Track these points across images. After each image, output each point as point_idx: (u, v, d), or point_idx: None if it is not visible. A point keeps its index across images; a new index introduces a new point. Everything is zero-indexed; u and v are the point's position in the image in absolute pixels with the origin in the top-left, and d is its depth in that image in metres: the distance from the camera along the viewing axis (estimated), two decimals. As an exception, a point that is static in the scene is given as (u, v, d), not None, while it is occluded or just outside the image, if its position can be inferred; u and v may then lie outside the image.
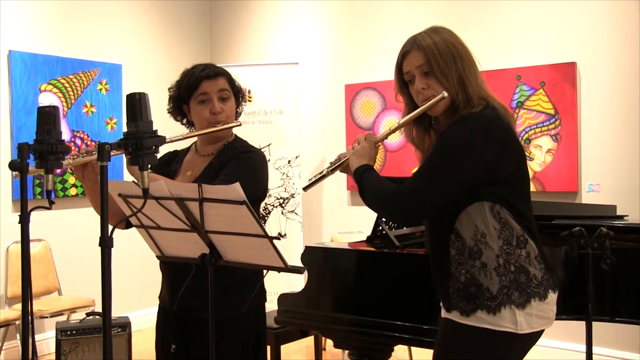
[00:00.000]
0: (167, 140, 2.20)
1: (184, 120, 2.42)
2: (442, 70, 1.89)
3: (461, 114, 1.88)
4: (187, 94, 2.32)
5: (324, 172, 2.16)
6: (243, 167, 2.23)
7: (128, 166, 2.18)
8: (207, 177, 2.24)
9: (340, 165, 2.11)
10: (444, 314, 1.95)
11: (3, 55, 4.93)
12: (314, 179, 2.17)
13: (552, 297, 1.90)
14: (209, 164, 2.33)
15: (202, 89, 2.29)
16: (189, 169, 2.38)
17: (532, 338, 1.89)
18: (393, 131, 2.07)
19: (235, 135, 2.43)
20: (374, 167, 2.06)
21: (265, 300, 2.40)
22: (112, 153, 2.06)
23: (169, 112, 2.41)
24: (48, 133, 1.86)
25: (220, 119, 2.30)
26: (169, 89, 2.40)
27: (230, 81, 2.37)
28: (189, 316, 2.26)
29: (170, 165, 2.42)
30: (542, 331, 1.90)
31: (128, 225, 2.26)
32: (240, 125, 2.35)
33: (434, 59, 1.90)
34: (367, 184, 1.97)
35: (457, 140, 1.85)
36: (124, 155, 1.62)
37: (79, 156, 2.14)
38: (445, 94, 1.89)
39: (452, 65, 1.89)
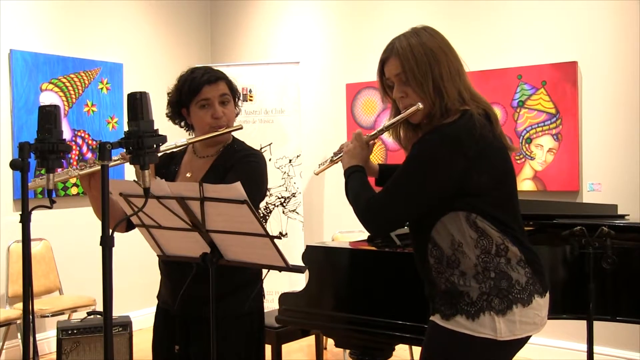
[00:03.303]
0: (171, 147, 2.25)
1: (182, 123, 2.42)
2: (418, 80, 1.87)
3: (433, 125, 1.87)
4: (188, 98, 2.32)
5: (328, 161, 2.22)
6: (248, 172, 2.24)
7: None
8: (210, 180, 2.24)
9: (342, 157, 2.14)
10: (430, 316, 1.95)
11: (4, 54, 4.93)
12: (323, 166, 2.25)
13: (539, 301, 1.86)
14: (211, 167, 2.34)
15: (203, 94, 2.29)
16: (188, 170, 2.38)
17: (517, 344, 1.87)
18: (381, 132, 2.08)
19: (233, 136, 2.44)
20: (367, 165, 2.09)
21: (263, 297, 2.41)
22: (112, 164, 2.09)
23: (167, 116, 2.41)
24: (49, 132, 1.86)
25: (222, 123, 2.31)
26: (167, 93, 2.39)
27: (230, 84, 2.37)
28: (191, 316, 2.26)
29: (168, 167, 2.41)
30: (528, 337, 1.88)
31: (129, 227, 2.28)
32: (241, 128, 2.37)
33: (410, 68, 1.88)
34: (351, 188, 1.99)
35: (422, 154, 1.85)
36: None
37: (85, 167, 2.15)
38: (421, 106, 1.87)
39: (428, 75, 1.86)
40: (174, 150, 2.31)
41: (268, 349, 2.79)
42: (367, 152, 2.09)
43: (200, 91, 2.29)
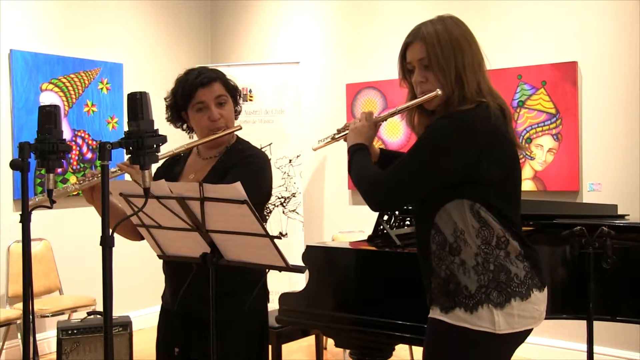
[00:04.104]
0: (168, 154, 2.24)
1: (184, 126, 2.40)
2: (441, 66, 1.87)
3: (449, 111, 1.87)
4: (183, 102, 2.29)
5: (330, 138, 2.20)
6: (247, 172, 2.22)
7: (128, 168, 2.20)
8: (211, 181, 2.23)
9: (344, 135, 2.13)
10: (430, 312, 1.95)
11: (4, 54, 4.93)
12: (323, 142, 2.23)
13: (537, 296, 1.87)
14: (213, 167, 2.32)
15: (198, 97, 2.26)
16: (191, 172, 2.37)
17: (517, 338, 1.87)
18: (392, 115, 2.07)
19: (237, 136, 2.42)
20: (371, 146, 2.09)
21: (268, 301, 2.40)
22: (113, 174, 2.11)
23: (167, 120, 2.38)
24: (49, 132, 1.86)
25: (220, 125, 2.29)
26: (165, 98, 2.37)
27: (226, 84, 2.34)
28: (192, 317, 2.25)
29: (173, 169, 2.40)
30: (528, 331, 1.88)
31: (142, 236, 2.25)
32: (240, 129, 2.34)
33: (434, 54, 1.88)
34: (355, 164, 1.99)
35: (434, 138, 1.85)
36: (125, 154, 1.62)
37: (85, 180, 2.15)
38: (439, 92, 1.88)
39: (451, 62, 1.87)
40: (177, 152, 2.29)
41: (268, 349, 2.79)
42: (374, 133, 2.08)
43: (195, 95, 2.26)
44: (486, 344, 1.84)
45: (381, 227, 2.81)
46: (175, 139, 2.21)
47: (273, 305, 2.83)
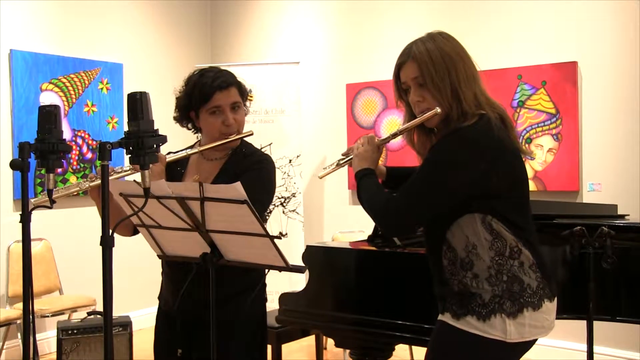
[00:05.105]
0: (182, 156, 2.25)
1: (189, 125, 2.38)
2: (436, 84, 1.88)
3: (452, 128, 1.87)
4: (197, 104, 2.27)
5: (335, 165, 2.20)
6: (261, 179, 2.24)
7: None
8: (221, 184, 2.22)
9: (349, 161, 2.14)
10: (439, 315, 1.96)
11: (4, 54, 4.93)
12: (329, 170, 2.21)
13: (548, 306, 1.88)
14: (221, 170, 2.31)
15: (214, 101, 2.24)
16: (195, 172, 2.36)
17: (524, 346, 1.88)
18: (394, 136, 2.08)
19: (241, 139, 2.41)
20: (377, 167, 2.09)
21: (265, 300, 2.41)
22: (123, 174, 2.11)
23: (175, 119, 2.36)
24: (49, 132, 1.87)
25: (233, 131, 2.28)
26: (176, 98, 2.34)
27: (240, 89, 2.32)
28: (192, 317, 2.25)
29: (174, 169, 2.38)
30: (535, 340, 1.89)
31: (135, 231, 2.26)
32: (252, 134, 2.34)
33: (428, 72, 1.88)
34: (364, 190, 1.99)
35: (441, 156, 1.85)
36: (125, 154, 1.62)
37: (96, 178, 2.15)
38: (439, 110, 1.88)
39: (446, 79, 1.87)
40: (191, 154, 2.30)
41: (268, 349, 2.80)
42: (378, 156, 2.09)
43: (212, 98, 2.24)
44: (495, 352, 1.85)
45: (381, 227, 2.81)
46: (176, 139, 2.22)
47: (273, 305, 2.83)
